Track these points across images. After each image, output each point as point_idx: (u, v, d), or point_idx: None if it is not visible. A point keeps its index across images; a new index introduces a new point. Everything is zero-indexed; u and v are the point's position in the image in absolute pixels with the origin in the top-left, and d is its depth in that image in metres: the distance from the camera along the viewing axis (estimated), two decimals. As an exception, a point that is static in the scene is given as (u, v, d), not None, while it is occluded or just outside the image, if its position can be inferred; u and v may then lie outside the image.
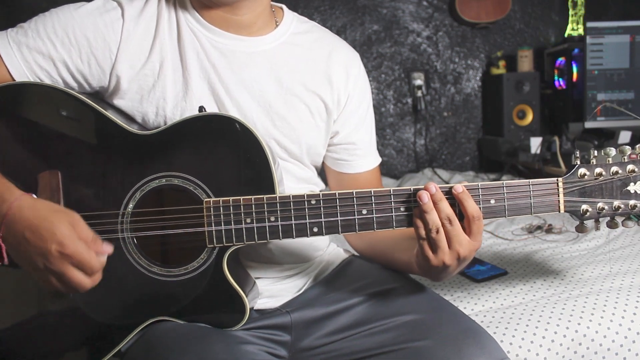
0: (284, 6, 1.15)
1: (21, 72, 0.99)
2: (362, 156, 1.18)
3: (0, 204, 0.86)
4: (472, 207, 0.90)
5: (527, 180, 0.93)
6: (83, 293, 0.95)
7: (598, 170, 0.94)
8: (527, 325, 1.17)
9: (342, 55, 1.14)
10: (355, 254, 1.24)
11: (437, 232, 0.90)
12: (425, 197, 0.90)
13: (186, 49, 1.03)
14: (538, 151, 2.45)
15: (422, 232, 0.91)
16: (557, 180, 0.94)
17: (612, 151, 0.93)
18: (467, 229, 0.91)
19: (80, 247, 0.84)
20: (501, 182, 0.93)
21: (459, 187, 0.91)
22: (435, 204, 0.90)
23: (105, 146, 0.97)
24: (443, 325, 0.95)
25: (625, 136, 2.33)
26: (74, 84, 1.02)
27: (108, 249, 0.87)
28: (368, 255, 1.21)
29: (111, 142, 0.97)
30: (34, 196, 0.91)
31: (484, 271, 1.48)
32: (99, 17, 1.00)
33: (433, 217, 0.90)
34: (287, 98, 1.07)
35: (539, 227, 1.82)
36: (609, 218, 0.96)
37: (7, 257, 0.87)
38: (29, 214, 0.85)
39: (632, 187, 0.94)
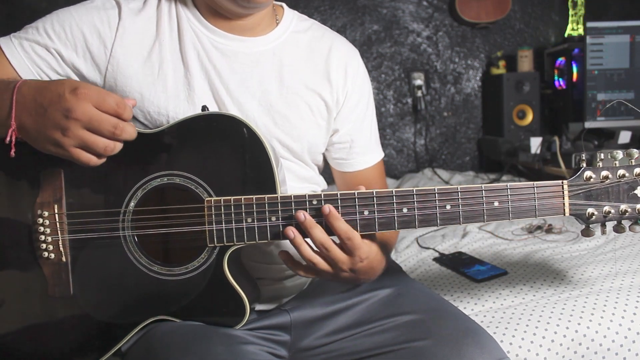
0: (284, 4, 1.15)
1: (22, 64, 1.00)
2: (361, 154, 1.18)
3: (6, 86, 0.88)
4: (340, 228, 0.88)
5: (532, 182, 0.92)
6: (84, 291, 0.95)
7: (604, 173, 0.92)
8: (527, 325, 1.17)
9: (341, 53, 1.14)
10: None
11: (327, 250, 0.89)
12: (290, 233, 0.89)
13: (187, 48, 1.03)
14: (538, 151, 2.46)
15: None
16: (562, 182, 0.92)
17: (619, 154, 0.91)
18: (343, 249, 0.90)
19: (92, 86, 0.84)
20: (505, 184, 0.92)
21: (326, 208, 0.89)
22: (308, 230, 0.89)
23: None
24: (443, 325, 0.95)
25: (625, 136, 2.34)
26: (75, 78, 1.03)
27: (130, 102, 0.87)
28: None
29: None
30: None
31: (484, 271, 1.48)
32: (95, 14, 1.02)
33: (305, 251, 0.89)
34: (288, 97, 1.07)
35: (539, 227, 1.83)
36: (615, 222, 0.94)
37: (14, 149, 0.86)
38: (35, 83, 0.86)
39: (639, 191, 0.92)
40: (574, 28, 3.04)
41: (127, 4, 1.04)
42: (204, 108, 0.96)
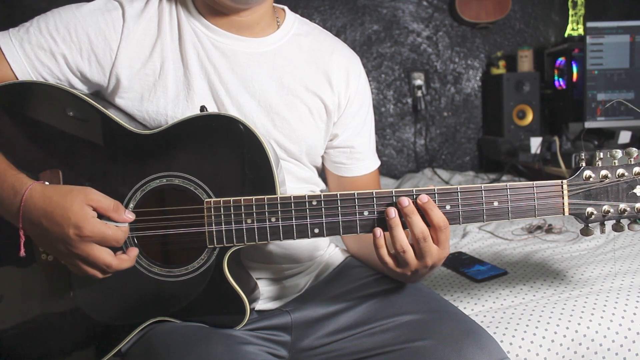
0: (286, 8, 1.15)
1: (23, 69, 0.99)
2: (360, 160, 1.18)
3: (13, 197, 0.88)
4: (438, 216, 0.89)
5: (531, 182, 0.92)
6: (84, 292, 0.96)
7: (604, 172, 0.92)
8: (527, 325, 1.17)
9: (343, 58, 1.14)
10: (355, 254, 1.25)
11: (404, 252, 0.89)
12: (392, 212, 0.89)
13: (187, 48, 1.03)
14: (538, 151, 2.46)
15: (390, 249, 0.91)
16: (562, 182, 0.92)
17: (619, 153, 0.91)
18: (434, 239, 0.90)
19: (97, 224, 0.86)
20: (504, 184, 0.92)
21: (424, 196, 0.90)
22: (407, 216, 0.89)
23: (106, 145, 0.97)
24: (443, 325, 0.95)
25: (625, 136, 2.34)
26: (75, 82, 1.02)
27: (130, 216, 0.90)
28: (354, 253, 1.22)
29: (112, 141, 0.97)
30: (46, 183, 0.91)
31: (484, 271, 1.48)
32: (100, 16, 1.01)
33: (399, 234, 0.89)
34: (288, 98, 1.07)
35: (539, 227, 1.83)
36: (614, 221, 0.95)
37: (24, 249, 0.90)
38: (41, 203, 0.87)
39: (638, 190, 0.92)
40: (574, 28, 3.04)
41: (131, 4, 1.03)
42: (203, 108, 0.96)
